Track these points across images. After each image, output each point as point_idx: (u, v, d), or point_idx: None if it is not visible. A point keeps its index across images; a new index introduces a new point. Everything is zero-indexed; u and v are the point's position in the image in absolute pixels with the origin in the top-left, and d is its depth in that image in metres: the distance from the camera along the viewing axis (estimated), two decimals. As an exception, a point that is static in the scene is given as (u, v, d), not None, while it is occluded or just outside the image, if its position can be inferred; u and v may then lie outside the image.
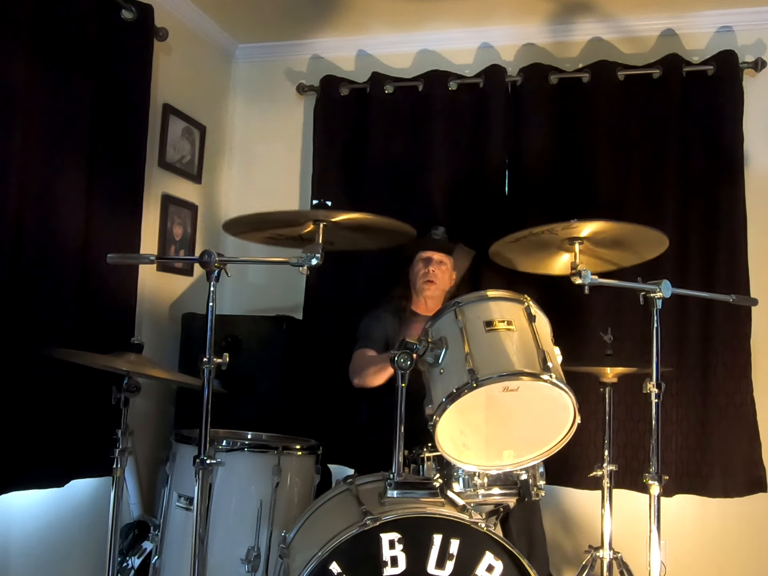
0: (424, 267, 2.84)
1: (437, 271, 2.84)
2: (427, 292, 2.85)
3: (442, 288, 2.87)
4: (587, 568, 2.67)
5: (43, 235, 2.47)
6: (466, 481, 2.14)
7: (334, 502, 2.11)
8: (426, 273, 2.83)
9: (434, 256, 2.85)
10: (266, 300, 3.63)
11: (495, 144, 3.33)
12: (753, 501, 3.05)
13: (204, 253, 1.91)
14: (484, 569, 1.82)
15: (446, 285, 2.88)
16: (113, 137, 2.77)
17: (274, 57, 3.78)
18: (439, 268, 2.85)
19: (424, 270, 2.84)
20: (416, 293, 2.90)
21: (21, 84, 2.36)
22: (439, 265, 2.85)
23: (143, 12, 2.86)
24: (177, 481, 2.43)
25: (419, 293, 2.88)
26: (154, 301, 3.20)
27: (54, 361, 2.36)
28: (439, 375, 1.97)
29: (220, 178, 3.75)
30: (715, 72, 3.15)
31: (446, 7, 3.31)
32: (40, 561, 2.65)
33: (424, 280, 2.84)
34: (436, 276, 2.83)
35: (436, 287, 2.84)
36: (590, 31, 3.39)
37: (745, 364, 3.06)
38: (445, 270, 2.86)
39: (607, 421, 2.70)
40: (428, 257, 2.85)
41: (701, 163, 3.16)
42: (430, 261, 2.84)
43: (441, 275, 2.85)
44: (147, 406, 3.14)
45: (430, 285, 2.83)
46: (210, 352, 1.91)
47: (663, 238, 2.31)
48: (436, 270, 2.83)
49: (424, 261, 2.86)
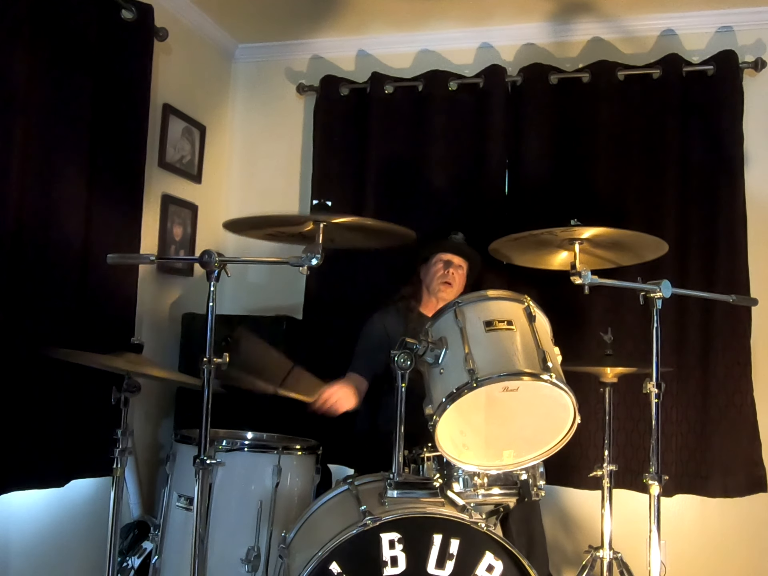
0: (444, 269, 2.83)
1: (456, 274, 2.84)
2: (443, 294, 2.82)
3: (457, 291, 2.84)
4: (587, 568, 2.67)
5: (43, 234, 2.47)
6: (466, 481, 2.15)
7: (334, 502, 2.11)
8: (445, 275, 2.82)
9: (454, 260, 2.86)
10: (266, 300, 3.63)
11: (495, 144, 3.33)
12: (753, 501, 3.05)
13: (204, 253, 1.91)
14: (484, 569, 1.82)
15: (461, 289, 2.87)
16: (113, 137, 2.77)
17: (274, 57, 3.78)
18: (458, 272, 2.85)
19: (443, 271, 2.83)
20: (430, 294, 2.89)
21: (21, 84, 2.36)
22: (458, 269, 2.86)
23: (143, 12, 2.86)
24: (177, 481, 2.43)
25: (434, 293, 2.86)
26: (154, 301, 3.20)
27: (54, 361, 2.35)
28: (439, 375, 1.97)
29: (220, 178, 3.74)
30: (715, 72, 3.15)
31: (446, 7, 3.31)
32: (40, 561, 2.65)
33: (443, 281, 2.82)
34: (455, 279, 2.83)
35: (452, 290, 2.82)
36: (590, 31, 3.39)
37: (745, 364, 3.06)
38: (462, 275, 2.87)
39: (607, 421, 2.70)
40: (449, 260, 2.85)
41: (701, 163, 3.16)
42: (451, 264, 2.84)
43: (459, 279, 2.85)
44: (147, 406, 3.14)
45: (447, 287, 2.81)
46: (210, 352, 1.91)
47: (662, 244, 2.32)
48: (455, 273, 2.84)
49: (445, 263, 2.85)
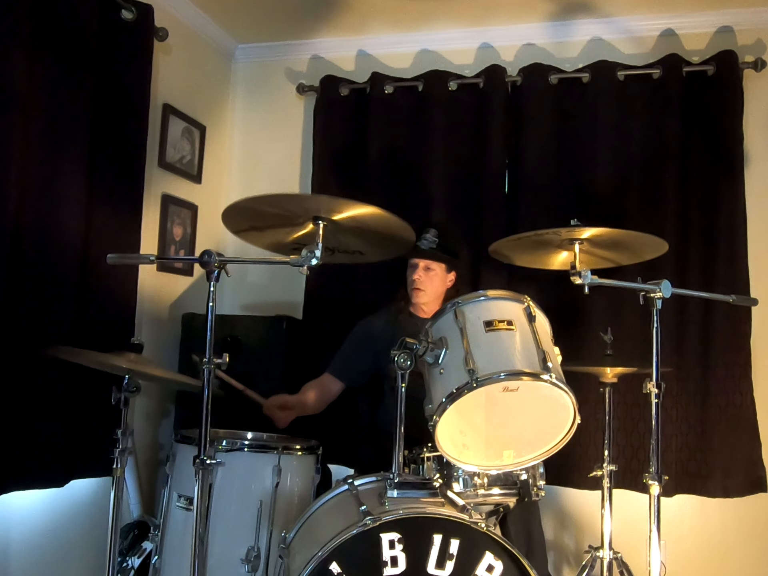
0: (411, 274, 2.78)
1: (423, 277, 2.76)
2: (415, 299, 2.79)
3: (432, 294, 2.78)
4: (587, 568, 2.67)
5: (43, 235, 2.47)
6: (466, 481, 2.14)
7: (334, 502, 2.11)
8: (413, 281, 2.77)
9: (420, 263, 2.77)
10: (266, 300, 3.63)
11: (495, 144, 3.33)
12: (753, 501, 3.05)
13: (204, 253, 1.91)
14: (484, 569, 1.82)
15: (438, 290, 2.80)
16: (113, 137, 2.77)
17: (274, 57, 3.78)
18: (427, 275, 2.76)
19: (411, 277, 2.78)
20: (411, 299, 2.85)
21: (21, 84, 2.36)
22: (427, 271, 2.77)
23: (143, 12, 2.86)
24: (177, 481, 2.43)
25: (409, 300, 2.83)
26: (154, 301, 3.20)
27: (54, 360, 2.35)
28: (439, 375, 1.97)
29: (220, 178, 3.74)
30: (715, 72, 3.15)
31: (446, 7, 3.31)
32: (40, 561, 2.65)
33: (411, 287, 2.77)
34: (423, 283, 2.75)
35: (423, 293, 2.76)
36: (590, 31, 3.39)
37: (745, 364, 3.06)
38: (433, 275, 2.77)
39: (607, 421, 2.71)
40: (415, 264, 2.78)
41: (701, 163, 3.16)
42: (416, 268, 2.77)
43: (429, 281, 2.76)
44: (147, 406, 3.14)
45: (417, 293, 2.75)
46: (210, 352, 1.91)
47: (662, 243, 2.32)
48: (422, 277, 2.76)
49: (411, 268, 2.79)
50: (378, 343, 2.77)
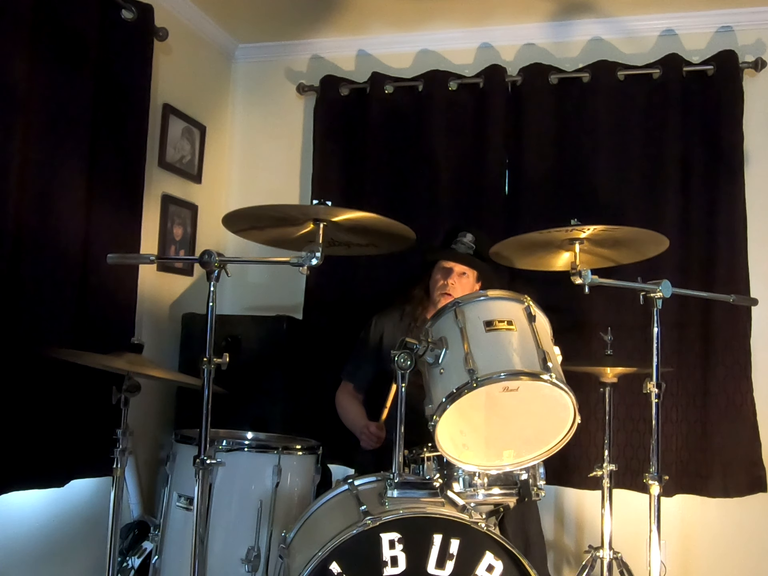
0: (443, 278, 2.66)
1: (457, 284, 2.64)
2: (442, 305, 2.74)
3: None
4: (587, 568, 2.67)
5: (43, 234, 2.47)
6: (466, 481, 2.14)
7: (334, 502, 2.10)
8: (444, 285, 2.65)
9: (456, 268, 2.66)
10: (266, 300, 3.63)
11: (495, 144, 3.33)
12: (753, 501, 3.05)
13: (204, 253, 1.91)
14: (484, 569, 1.81)
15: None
16: (113, 137, 2.77)
17: (274, 57, 3.78)
18: (460, 281, 2.66)
19: (442, 281, 2.66)
20: (432, 303, 2.73)
21: (21, 84, 2.36)
22: (461, 277, 2.66)
23: (143, 12, 2.86)
24: (177, 481, 2.43)
25: (435, 304, 2.69)
26: (154, 301, 3.20)
27: (54, 361, 2.36)
28: (439, 375, 1.97)
29: (220, 178, 3.75)
30: (715, 72, 3.16)
31: (446, 7, 3.31)
32: (40, 561, 2.65)
33: (441, 292, 2.65)
34: (455, 289, 2.63)
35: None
36: (590, 31, 3.39)
37: (745, 364, 3.06)
38: (466, 282, 2.67)
39: (607, 421, 2.71)
40: (449, 268, 2.67)
41: (701, 163, 3.16)
42: (450, 273, 2.66)
43: (461, 288, 2.64)
44: (147, 406, 3.14)
45: (447, 298, 2.58)
46: (210, 352, 1.91)
47: (663, 239, 2.31)
48: (456, 283, 2.64)
49: (443, 272, 2.68)
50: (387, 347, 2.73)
